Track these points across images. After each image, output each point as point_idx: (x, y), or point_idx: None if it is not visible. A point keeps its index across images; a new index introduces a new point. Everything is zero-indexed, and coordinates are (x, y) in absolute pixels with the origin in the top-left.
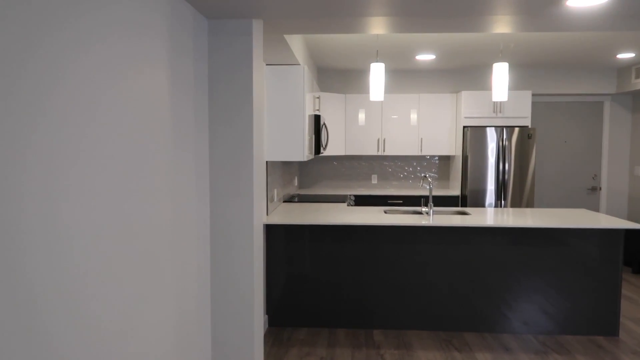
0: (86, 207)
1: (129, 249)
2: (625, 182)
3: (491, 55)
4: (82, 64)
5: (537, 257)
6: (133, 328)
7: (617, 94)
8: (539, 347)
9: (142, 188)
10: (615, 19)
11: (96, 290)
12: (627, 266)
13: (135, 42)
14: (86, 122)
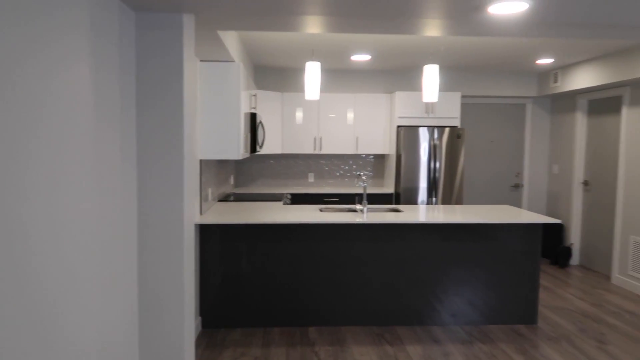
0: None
1: (48, 248)
2: (544, 179)
3: (423, 57)
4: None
5: (466, 252)
6: (51, 334)
7: (537, 97)
8: (465, 337)
9: (62, 185)
10: (533, 27)
11: (7, 291)
12: (546, 258)
13: (54, 35)
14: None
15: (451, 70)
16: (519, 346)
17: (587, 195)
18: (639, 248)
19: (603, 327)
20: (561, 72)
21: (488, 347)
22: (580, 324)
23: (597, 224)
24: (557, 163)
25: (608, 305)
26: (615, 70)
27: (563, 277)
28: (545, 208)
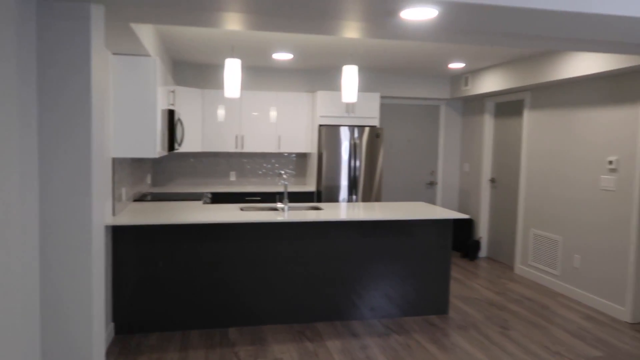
0: None
1: None
2: (456, 177)
3: (344, 58)
4: None
5: (384, 247)
6: None
7: (450, 99)
8: (382, 330)
9: None
10: (442, 33)
11: None
12: (458, 251)
13: None
14: None
15: (371, 72)
16: (431, 336)
17: (494, 192)
18: (538, 240)
19: (506, 314)
20: (471, 76)
21: (403, 338)
22: (486, 312)
23: (502, 219)
24: (468, 162)
25: (511, 294)
26: (518, 76)
27: (472, 269)
28: (457, 204)
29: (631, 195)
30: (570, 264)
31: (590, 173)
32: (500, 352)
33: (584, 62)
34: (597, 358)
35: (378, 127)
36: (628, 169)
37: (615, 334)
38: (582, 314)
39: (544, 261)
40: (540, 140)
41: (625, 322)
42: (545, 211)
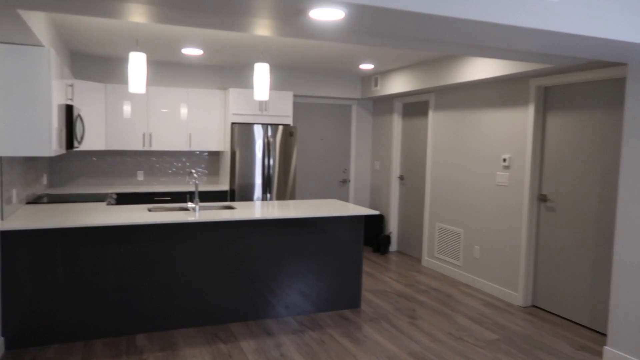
0: None
1: None
2: (368, 174)
3: (256, 56)
4: None
5: (298, 245)
6: None
7: (361, 99)
8: (297, 327)
9: None
10: (351, 34)
11: None
12: (370, 246)
13: None
14: None
15: (284, 70)
16: (344, 330)
17: (403, 189)
18: (443, 233)
19: (414, 304)
20: (381, 77)
21: (317, 333)
22: (396, 303)
23: (410, 214)
24: (378, 160)
25: (419, 285)
26: (424, 78)
27: (383, 263)
28: (369, 201)
29: (522, 190)
30: (471, 254)
31: (487, 170)
32: (409, 341)
33: (481, 67)
34: (494, 340)
35: (292, 126)
36: (519, 166)
37: (510, 318)
38: (482, 300)
39: (448, 253)
40: (443, 140)
41: (518, 306)
42: (448, 206)
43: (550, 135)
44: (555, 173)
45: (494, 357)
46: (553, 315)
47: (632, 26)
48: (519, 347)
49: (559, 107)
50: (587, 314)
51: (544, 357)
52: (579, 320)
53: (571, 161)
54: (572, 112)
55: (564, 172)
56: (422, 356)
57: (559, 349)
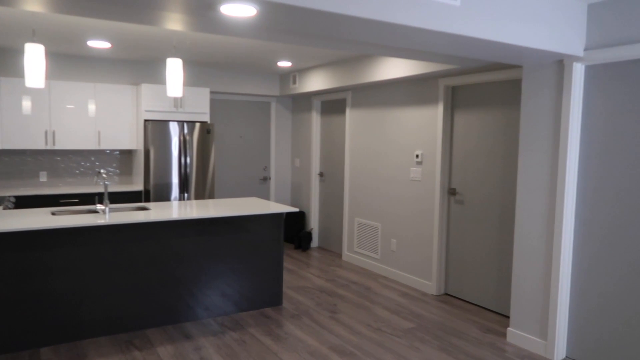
0: None
1: None
2: (288, 172)
3: (169, 50)
4: None
5: (218, 245)
6: None
7: (280, 96)
8: (217, 328)
9: None
10: (264, 31)
11: None
12: (291, 243)
13: None
14: None
15: (200, 66)
16: (266, 328)
17: (323, 185)
18: (361, 228)
19: (335, 299)
20: (299, 75)
21: (238, 334)
22: (317, 298)
23: (331, 210)
24: (299, 157)
25: (339, 279)
26: (341, 77)
27: (305, 259)
28: (289, 198)
29: (434, 184)
30: (389, 247)
31: (401, 166)
32: (329, 335)
33: (395, 66)
34: (410, 329)
35: (209, 123)
36: (431, 162)
37: (425, 306)
38: (399, 291)
39: (367, 247)
40: (360, 137)
41: (432, 295)
42: (366, 201)
43: (457, 133)
44: (463, 168)
45: (410, 345)
46: (463, 302)
47: (526, 31)
48: (433, 333)
49: (465, 105)
50: (493, 299)
51: (455, 341)
52: (486, 305)
53: (476, 157)
54: (476, 110)
55: (471, 167)
56: (342, 349)
57: (468, 333)
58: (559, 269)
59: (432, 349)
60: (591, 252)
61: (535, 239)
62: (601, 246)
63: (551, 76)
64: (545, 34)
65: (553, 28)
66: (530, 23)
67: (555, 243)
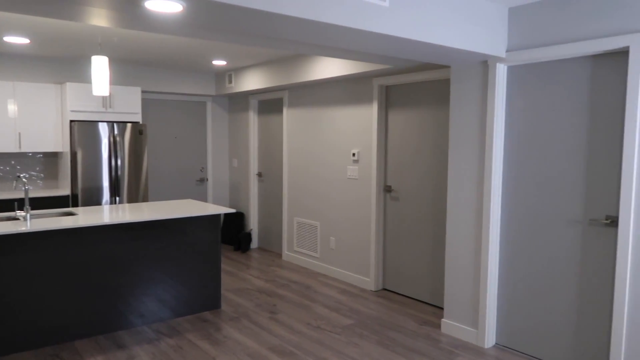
0: None
1: None
2: (226, 172)
3: (95, 47)
4: None
5: (154, 249)
6: None
7: (216, 96)
8: (153, 335)
9: None
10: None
11: None
12: (230, 245)
13: None
14: None
15: (130, 64)
16: (204, 332)
17: (262, 186)
18: (301, 227)
19: (275, 299)
20: (235, 74)
21: (175, 340)
22: (257, 300)
23: (270, 210)
24: (236, 157)
25: (279, 279)
26: (277, 76)
27: (244, 261)
28: (228, 199)
29: (370, 182)
30: (328, 246)
31: (339, 164)
32: (269, 336)
33: (330, 66)
34: (349, 325)
35: (141, 124)
36: (367, 160)
37: (364, 302)
38: (338, 289)
39: (306, 246)
40: (298, 136)
41: (370, 291)
42: (305, 200)
43: (392, 131)
44: (398, 165)
45: (349, 341)
46: (401, 296)
47: (452, 33)
48: (372, 329)
49: (398, 104)
50: (428, 292)
51: (393, 335)
52: (422, 298)
53: (410, 154)
54: (409, 109)
55: (405, 164)
56: (281, 349)
57: (405, 326)
58: (487, 260)
59: (371, 343)
60: (516, 243)
61: (465, 232)
62: (524, 238)
63: (477, 76)
64: (470, 36)
65: (477, 30)
66: (456, 25)
67: (484, 236)
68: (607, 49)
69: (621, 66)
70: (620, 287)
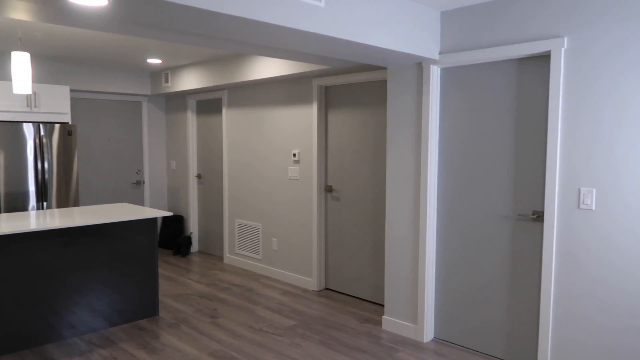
0: None
1: None
2: (164, 175)
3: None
4: None
5: (87, 256)
6: None
7: (152, 96)
8: (84, 347)
9: None
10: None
11: None
12: (169, 249)
13: None
14: None
15: (58, 61)
16: (140, 341)
17: (202, 188)
18: (242, 229)
19: (216, 303)
20: (171, 73)
21: (108, 351)
22: (197, 305)
23: (211, 212)
24: (175, 159)
25: (221, 283)
26: (216, 75)
27: (184, 265)
28: (166, 202)
29: (311, 182)
30: (270, 247)
31: (280, 165)
32: (210, 341)
33: (270, 66)
34: (292, 326)
35: (70, 124)
36: (308, 160)
37: (306, 303)
38: (281, 290)
39: (248, 248)
40: (238, 137)
41: (313, 291)
42: (246, 202)
43: (332, 131)
44: (338, 165)
45: (292, 342)
46: (343, 295)
47: (388, 34)
48: (314, 329)
49: (338, 105)
50: (370, 290)
51: (335, 334)
52: (364, 296)
53: (350, 154)
54: (349, 110)
55: (345, 164)
56: (222, 354)
57: (347, 324)
58: (424, 257)
59: (313, 343)
60: (451, 240)
61: (404, 230)
62: (459, 234)
63: (412, 77)
64: (404, 38)
65: (411, 32)
66: (391, 27)
67: (421, 234)
68: (531, 52)
69: (544, 69)
70: (546, 278)
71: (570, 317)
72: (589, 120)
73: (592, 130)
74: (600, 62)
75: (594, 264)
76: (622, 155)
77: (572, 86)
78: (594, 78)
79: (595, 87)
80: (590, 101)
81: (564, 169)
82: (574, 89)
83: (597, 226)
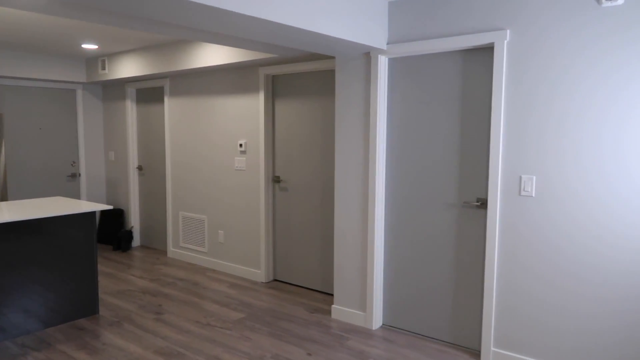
0: None
1: None
2: (102, 166)
3: None
4: None
5: (17, 254)
6: None
7: (88, 83)
8: (17, 351)
9: None
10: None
11: None
12: (109, 244)
13: None
14: None
15: None
16: (79, 342)
17: (143, 180)
18: (186, 222)
19: (160, 299)
20: (109, 60)
21: (44, 353)
22: (140, 301)
23: (153, 205)
24: (113, 150)
25: (165, 278)
26: (157, 63)
27: (125, 261)
28: (105, 195)
29: (258, 173)
30: (216, 240)
31: (225, 156)
32: (155, 338)
33: (215, 53)
34: (240, 319)
35: None
36: (255, 151)
37: (255, 295)
38: (229, 283)
39: (193, 241)
40: (181, 127)
41: (261, 283)
42: (191, 194)
43: (279, 121)
44: (286, 155)
45: (241, 335)
46: (292, 286)
47: (336, 23)
48: (263, 320)
49: (285, 94)
50: (319, 280)
51: (285, 325)
52: (313, 287)
53: (298, 144)
54: (296, 99)
55: (293, 154)
56: (169, 351)
57: (297, 315)
58: (373, 245)
59: (263, 335)
60: (399, 228)
61: (352, 219)
62: (406, 222)
63: (360, 67)
64: (352, 27)
65: (359, 22)
66: (339, 15)
67: (369, 222)
68: (475, 44)
69: (488, 61)
70: (489, 262)
71: (512, 290)
72: (532, 111)
73: (536, 120)
74: (544, 54)
75: (535, 245)
76: (567, 144)
77: (515, 78)
78: (538, 70)
79: (538, 79)
80: (534, 92)
81: (506, 158)
82: (517, 80)
83: (535, 211)
